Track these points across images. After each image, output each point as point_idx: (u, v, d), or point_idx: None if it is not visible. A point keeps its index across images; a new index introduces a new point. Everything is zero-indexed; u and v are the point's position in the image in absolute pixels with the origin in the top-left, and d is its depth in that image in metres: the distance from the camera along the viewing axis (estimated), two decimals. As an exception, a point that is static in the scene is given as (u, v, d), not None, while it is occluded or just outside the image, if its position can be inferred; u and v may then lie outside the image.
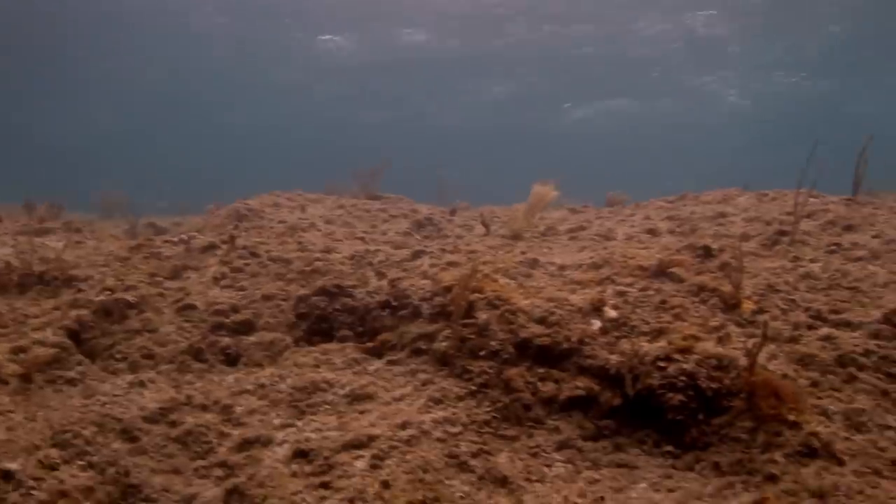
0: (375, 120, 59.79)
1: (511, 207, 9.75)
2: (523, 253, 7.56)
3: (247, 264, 7.55)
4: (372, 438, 4.83)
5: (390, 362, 5.96)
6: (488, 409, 5.24)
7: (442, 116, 58.63)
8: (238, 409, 5.33)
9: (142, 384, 5.60)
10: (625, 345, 5.47)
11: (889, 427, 4.88)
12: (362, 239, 8.87)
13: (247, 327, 6.51)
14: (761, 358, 5.31)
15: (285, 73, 51.67)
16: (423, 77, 51.42)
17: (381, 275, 7.28)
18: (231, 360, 6.16)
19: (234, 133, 65.71)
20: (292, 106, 58.06)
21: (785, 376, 5.10)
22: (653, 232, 8.63)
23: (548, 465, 4.83)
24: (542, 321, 5.83)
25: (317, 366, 5.93)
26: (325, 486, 4.43)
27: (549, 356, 5.58)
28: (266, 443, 4.94)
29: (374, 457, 4.66)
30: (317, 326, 6.67)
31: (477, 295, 6.14)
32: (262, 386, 5.64)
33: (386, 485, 4.38)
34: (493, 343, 5.69)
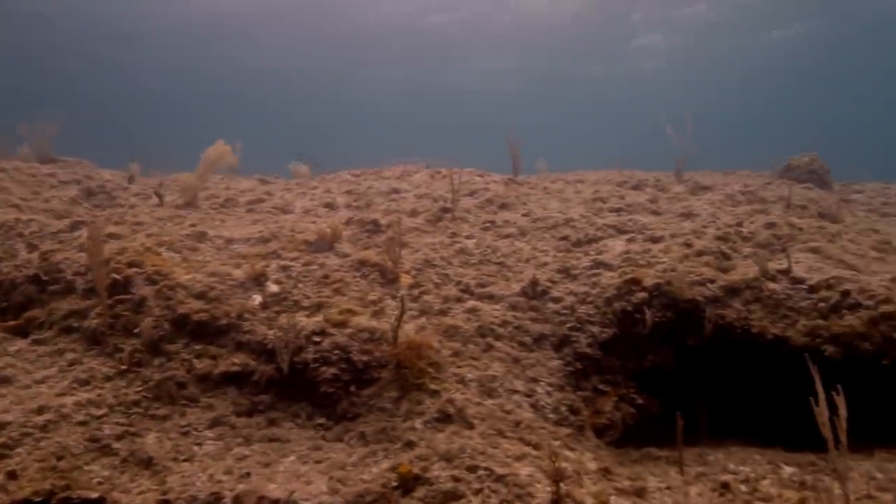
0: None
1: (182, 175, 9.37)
2: (193, 225, 7.36)
3: None
4: (2, 426, 4.49)
5: (36, 342, 5.56)
6: (139, 388, 5.06)
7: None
8: None
9: None
10: (283, 319, 5.54)
11: (516, 391, 5.40)
12: (17, 207, 8.14)
13: None
14: (411, 330, 5.64)
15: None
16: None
17: (32, 247, 6.74)
18: None
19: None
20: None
21: (430, 346, 5.44)
22: (330, 206, 8.78)
23: (198, 444, 4.78)
24: (202, 296, 5.73)
25: (-55, 348, 5.38)
26: (-62, 482, 4.06)
27: (206, 332, 5.51)
28: None
29: (2, 446, 4.34)
30: (-48, 304, 6.05)
31: (135, 269, 5.90)
32: None
33: (12, 475, 4.10)
34: (148, 320, 5.50)
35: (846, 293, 5.83)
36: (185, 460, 4.57)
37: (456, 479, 4.37)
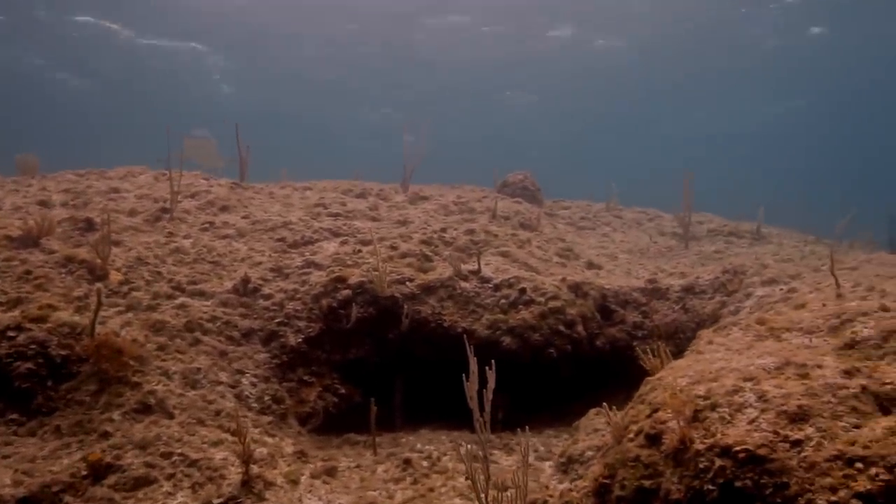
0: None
1: None
2: None
3: None
4: None
5: None
6: None
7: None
8: None
9: None
10: (-26, 315, 5.37)
11: (220, 383, 5.60)
12: None
13: None
14: (116, 325, 5.68)
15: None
16: None
17: None
18: None
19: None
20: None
21: (135, 341, 5.51)
22: (45, 203, 8.47)
23: None
24: None
25: None
26: None
27: None
28: None
29: None
30: None
31: None
32: None
33: None
34: None
35: (523, 290, 6.60)
36: None
37: (149, 465, 4.52)
